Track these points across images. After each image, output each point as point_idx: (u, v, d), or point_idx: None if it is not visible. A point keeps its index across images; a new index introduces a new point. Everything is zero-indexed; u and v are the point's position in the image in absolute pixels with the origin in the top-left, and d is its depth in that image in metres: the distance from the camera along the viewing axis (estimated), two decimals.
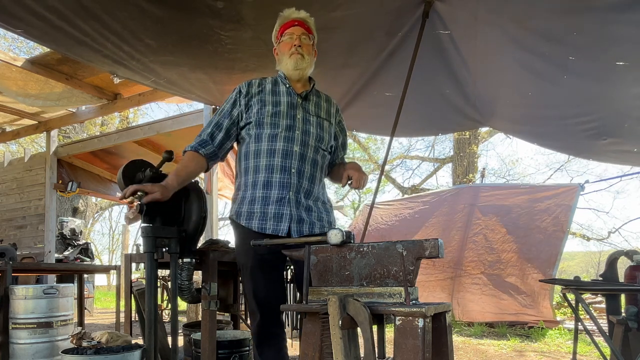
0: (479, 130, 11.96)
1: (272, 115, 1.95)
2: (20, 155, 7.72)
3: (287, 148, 1.92)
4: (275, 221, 1.89)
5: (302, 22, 2.02)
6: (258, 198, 1.92)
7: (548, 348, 5.04)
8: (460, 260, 6.90)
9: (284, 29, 2.03)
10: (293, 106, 1.99)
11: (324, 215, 2.01)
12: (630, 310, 2.40)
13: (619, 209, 22.77)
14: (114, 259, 22.71)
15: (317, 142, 1.99)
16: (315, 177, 1.99)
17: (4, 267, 3.39)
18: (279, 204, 1.90)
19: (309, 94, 2.05)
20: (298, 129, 1.96)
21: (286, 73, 2.03)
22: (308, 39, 2.02)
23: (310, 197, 1.97)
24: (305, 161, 1.95)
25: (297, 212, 1.91)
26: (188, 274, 2.15)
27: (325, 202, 2.07)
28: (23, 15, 2.50)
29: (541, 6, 2.56)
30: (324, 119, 2.05)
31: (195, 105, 7.06)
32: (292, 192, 1.91)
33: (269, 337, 1.95)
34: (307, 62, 2.00)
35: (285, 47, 2.00)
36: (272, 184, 1.91)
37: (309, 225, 1.94)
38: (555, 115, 3.78)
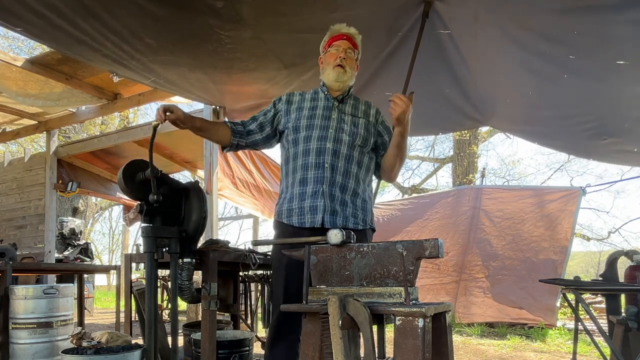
0: (479, 130, 11.96)
1: (309, 118, 2.07)
2: (20, 155, 7.72)
3: (321, 146, 2.01)
4: (312, 214, 1.97)
5: (349, 37, 2.13)
6: (296, 195, 2.02)
7: (548, 348, 5.04)
8: (464, 263, 6.90)
9: (332, 40, 2.13)
10: (329, 108, 2.10)
11: (359, 214, 2.04)
12: (630, 310, 2.40)
13: (619, 209, 22.75)
14: (114, 259, 22.73)
15: (351, 138, 2.04)
16: (351, 173, 2.03)
17: (4, 267, 3.39)
18: (313, 197, 1.98)
19: (346, 97, 2.15)
20: (332, 127, 2.04)
21: (327, 82, 2.13)
22: (353, 53, 2.13)
23: (347, 191, 2.02)
24: (338, 157, 2.01)
25: (331, 204, 1.97)
26: (188, 274, 2.15)
27: (366, 200, 2.10)
28: (23, 14, 2.50)
29: (541, 6, 2.56)
30: (360, 117, 2.12)
31: (195, 105, 7.05)
32: (326, 185, 1.98)
33: (284, 334, 1.96)
34: (349, 76, 2.10)
35: (331, 58, 2.10)
36: (307, 180, 2.00)
37: (343, 219, 1.98)
38: (556, 115, 3.77)
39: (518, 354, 4.75)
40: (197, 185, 2.15)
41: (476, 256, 6.85)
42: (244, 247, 2.76)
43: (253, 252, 2.67)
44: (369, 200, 2.13)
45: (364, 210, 2.07)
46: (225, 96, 4.02)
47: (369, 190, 2.17)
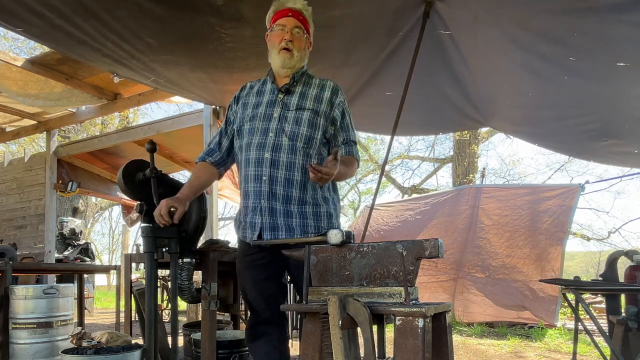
0: (479, 131, 11.95)
1: (250, 120, 1.91)
2: (20, 155, 7.72)
3: (259, 155, 1.85)
4: (251, 230, 1.87)
5: (297, 13, 1.89)
6: (242, 208, 1.95)
7: (548, 348, 5.04)
8: (462, 262, 6.90)
9: (277, 17, 1.90)
10: (272, 104, 1.90)
11: (309, 222, 1.86)
12: (630, 310, 2.40)
13: (620, 209, 22.75)
14: (114, 259, 22.74)
15: (292, 141, 1.84)
16: (294, 181, 1.84)
17: (4, 267, 3.39)
18: (253, 212, 1.87)
19: (292, 85, 1.92)
20: (272, 131, 1.85)
21: (274, 68, 1.94)
22: (301, 31, 1.89)
23: (291, 202, 1.85)
24: (278, 166, 1.83)
25: (270, 220, 1.84)
26: (188, 274, 2.15)
27: (319, 204, 1.89)
28: (23, 14, 2.50)
29: (541, 7, 2.56)
30: (307, 109, 1.88)
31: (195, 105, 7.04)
32: (265, 200, 1.83)
33: (258, 335, 1.95)
34: (297, 59, 1.89)
35: (276, 39, 1.89)
36: (248, 193, 1.89)
37: (287, 232, 1.84)
38: (556, 116, 3.78)
39: (518, 354, 4.75)
40: None
41: (475, 255, 6.85)
42: None
43: None
44: (322, 203, 1.90)
45: (316, 216, 1.88)
46: (225, 96, 4.02)
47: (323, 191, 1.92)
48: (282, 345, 1.95)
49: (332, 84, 1.99)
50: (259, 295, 1.92)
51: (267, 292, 1.92)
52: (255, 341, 1.95)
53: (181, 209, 1.86)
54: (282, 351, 1.95)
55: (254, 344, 1.96)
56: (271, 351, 1.92)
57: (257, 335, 1.95)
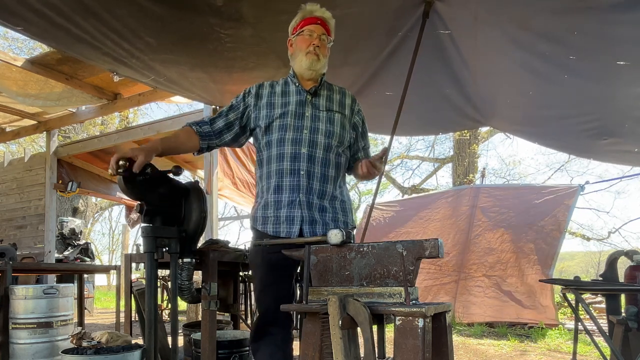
0: (479, 130, 11.96)
1: (281, 117, 1.95)
2: (20, 155, 7.72)
3: (295, 150, 1.91)
4: (288, 224, 1.90)
5: (324, 22, 1.99)
6: (271, 203, 1.94)
7: (548, 348, 5.04)
8: (463, 263, 6.90)
9: (305, 23, 1.99)
10: (302, 104, 1.98)
11: (339, 216, 1.98)
12: (630, 310, 2.40)
13: (620, 209, 22.75)
14: (114, 259, 22.73)
15: (327, 139, 1.94)
16: (328, 177, 1.95)
17: (4, 267, 3.39)
18: (290, 207, 1.90)
19: (319, 89, 2.02)
20: (306, 129, 1.93)
21: (298, 70, 2.01)
22: (327, 40, 2.01)
23: (325, 197, 1.95)
24: (314, 162, 1.92)
25: (309, 214, 1.90)
26: (188, 274, 2.15)
27: (345, 201, 2.03)
28: (23, 13, 2.50)
29: (541, 6, 2.56)
30: (336, 111, 2.01)
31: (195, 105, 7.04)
32: (303, 194, 1.90)
33: (264, 335, 1.94)
34: (322, 64, 1.99)
35: (304, 43, 1.97)
36: (282, 187, 1.92)
37: (322, 226, 1.91)
38: (556, 115, 3.78)
39: (518, 353, 4.75)
40: (197, 185, 2.15)
41: (474, 254, 6.86)
42: (244, 247, 2.75)
43: None
44: (347, 200, 2.06)
45: (344, 212, 2.01)
46: (225, 95, 4.02)
47: (345, 189, 2.09)
48: (286, 347, 1.95)
49: (349, 92, 2.13)
50: (273, 298, 1.90)
51: (280, 294, 1.91)
52: (260, 341, 1.95)
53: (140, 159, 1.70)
54: (287, 353, 1.95)
55: (258, 344, 1.96)
56: (275, 351, 1.91)
57: (263, 336, 1.95)
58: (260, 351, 1.95)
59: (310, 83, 2.02)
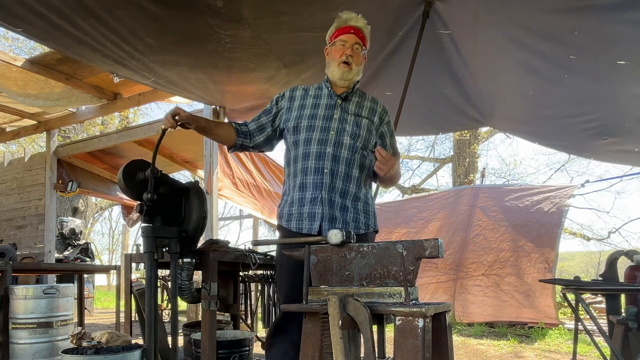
0: (479, 130, 11.96)
1: (309, 118, 2.00)
2: (20, 155, 7.72)
3: (320, 150, 1.95)
4: (310, 220, 1.93)
5: (358, 30, 2.02)
6: (295, 200, 1.99)
7: (548, 348, 5.04)
8: (461, 262, 6.90)
9: (339, 33, 2.03)
10: (331, 107, 2.02)
11: (360, 217, 2.00)
12: (630, 310, 2.40)
13: (620, 209, 22.74)
14: (114, 259, 22.72)
15: (353, 140, 1.98)
16: (352, 177, 1.98)
17: (4, 267, 3.39)
18: (312, 203, 1.94)
19: (350, 94, 2.06)
20: (333, 129, 1.97)
21: (331, 79, 2.06)
22: (360, 48, 2.04)
23: (347, 196, 1.97)
24: (338, 161, 1.95)
25: (330, 211, 1.93)
26: (188, 274, 2.14)
27: (369, 203, 2.05)
28: (23, 14, 2.50)
29: (541, 6, 2.56)
30: (364, 117, 2.04)
31: (195, 105, 7.05)
32: (325, 192, 1.93)
33: (281, 333, 1.96)
34: (355, 73, 2.02)
35: (337, 53, 2.02)
36: (306, 185, 1.96)
37: (342, 225, 1.94)
38: (556, 115, 3.77)
39: (518, 354, 4.75)
40: (197, 185, 2.15)
41: (473, 253, 6.86)
42: (244, 247, 2.75)
43: (253, 252, 2.67)
44: (371, 202, 2.09)
45: (366, 213, 2.03)
46: (225, 96, 4.02)
47: (370, 191, 2.12)
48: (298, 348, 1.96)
49: (381, 102, 2.17)
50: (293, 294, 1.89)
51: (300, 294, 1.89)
52: (276, 337, 1.97)
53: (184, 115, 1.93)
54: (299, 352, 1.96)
55: (273, 340, 1.98)
56: (288, 350, 1.93)
57: (280, 333, 1.97)
58: (274, 347, 1.97)
59: (342, 89, 2.06)
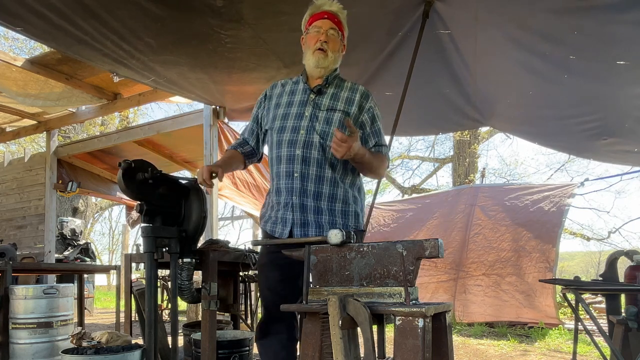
0: (479, 130, 11.96)
1: (282, 118, 1.95)
2: (20, 155, 7.72)
3: (290, 152, 1.90)
4: (282, 225, 1.92)
5: (332, 15, 1.94)
6: (274, 204, 1.97)
7: (548, 348, 5.04)
8: (461, 261, 6.90)
9: (313, 20, 1.95)
10: (303, 103, 1.95)
11: (337, 219, 1.91)
12: (630, 310, 2.40)
13: (620, 209, 22.72)
14: (114, 259, 22.72)
15: (323, 140, 1.89)
16: (324, 178, 1.90)
17: (4, 267, 3.38)
18: (285, 209, 1.92)
19: (324, 87, 1.96)
20: (303, 128, 1.90)
21: (308, 68, 1.98)
22: (336, 34, 1.95)
23: (321, 199, 1.90)
24: (309, 163, 1.88)
25: (301, 216, 1.89)
26: (188, 274, 2.14)
27: (348, 203, 1.95)
28: (23, 14, 2.51)
29: (541, 6, 2.56)
30: (337, 110, 1.93)
31: (195, 105, 7.04)
32: (297, 197, 1.89)
33: (269, 334, 1.95)
34: (331, 60, 1.93)
35: (312, 40, 1.93)
36: (280, 190, 1.94)
37: (317, 229, 1.88)
38: (556, 115, 3.78)
39: (518, 354, 4.75)
40: (197, 185, 2.15)
41: (473, 252, 6.86)
42: (244, 247, 2.75)
43: (253, 252, 2.67)
44: (352, 203, 1.96)
45: (344, 215, 1.93)
46: (225, 96, 4.02)
47: (353, 190, 1.99)
48: (291, 346, 1.96)
49: (362, 88, 2.04)
50: (275, 294, 1.92)
51: (282, 293, 1.91)
52: (265, 339, 1.96)
53: (221, 172, 1.92)
54: (290, 352, 1.96)
55: (263, 341, 1.97)
56: (280, 350, 1.93)
57: (267, 334, 1.96)
58: (265, 349, 1.96)
59: (319, 81, 1.98)
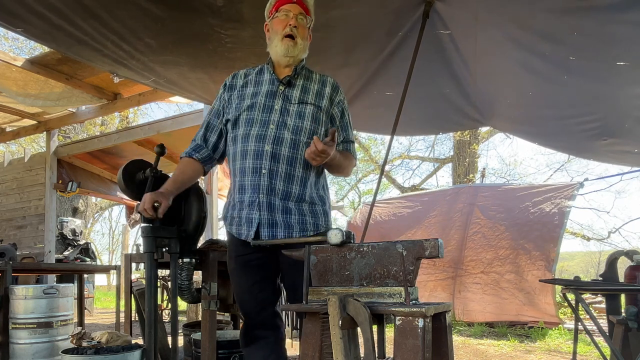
0: (479, 130, 11.96)
1: (248, 110, 1.83)
2: (20, 155, 7.72)
3: (258, 148, 1.77)
4: (247, 226, 1.79)
5: (300, 0, 1.84)
6: (236, 203, 1.84)
7: (548, 348, 5.04)
8: (460, 259, 6.90)
9: (279, 4, 1.84)
10: (272, 95, 1.83)
11: (308, 219, 1.81)
12: (630, 310, 2.40)
13: (620, 209, 22.76)
14: (114, 259, 22.73)
15: (295, 136, 1.78)
16: (294, 177, 1.79)
17: (4, 267, 3.39)
18: (250, 207, 1.78)
19: (294, 79, 1.86)
20: (273, 123, 1.78)
21: (274, 57, 1.87)
22: (305, 20, 1.85)
23: (290, 198, 1.79)
24: (278, 160, 1.76)
25: (269, 216, 1.77)
26: (188, 274, 2.15)
27: (315, 204, 1.85)
28: (23, 14, 2.50)
29: (541, 6, 2.56)
30: (309, 103, 1.83)
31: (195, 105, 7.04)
32: (264, 195, 1.76)
33: (254, 339, 1.87)
34: (300, 48, 1.83)
35: (279, 25, 1.82)
36: (245, 187, 1.80)
37: (286, 229, 1.77)
38: (556, 115, 3.78)
39: (518, 354, 4.75)
40: (197, 185, 2.15)
41: (472, 251, 6.86)
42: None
43: None
44: (319, 202, 1.87)
45: (313, 214, 1.83)
46: None
47: (320, 189, 1.90)
48: (279, 348, 1.89)
49: (332, 80, 1.95)
50: (252, 298, 1.84)
51: (261, 295, 1.84)
52: (251, 345, 1.87)
53: (165, 204, 1.77)
54: (280, 354, 1.89)
55: (249, 349, 1.88)
56: (268, 355, 1.85)
57: (253, 340, 1.87)
58: (253, 356, 1.87)
59: (287, 70, 1.87)
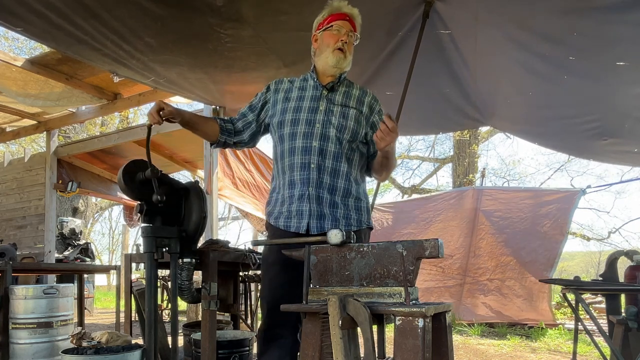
0: (479, 130, 11.96)
1: (294, 111, 1.93)
2: (20, 155, 7.72)
3: (306, 144, 1.88)
4: (298, 218, 1.87)
5: (351, 19, 1.96)
6: (286, 198, 1.92)
7: (548, 348, 5.04)
8: (467, 266, 6.92)
9: (333, 19, 1.95)
10: (316, 98, 1.96)
11: (352, 214, 1.92)
12: (630, 310, 2.40)
13: (620, 209, 22.76)
14: (114, 259, 22.71)
15: (339, 133, 1.90)
16: (340, 171, 1.91)
17: (4, 267, 3.38)
18: (300, 200, 1.87)
19: (336, 85, 1.99)
20: (318, 122, 1.90)
21: (321, 67, 1.97)
22: (353, 37, 1.98)
23: (336, 192, 1.89)
24: (325, 155, 1.88)
25: (317, 208, 1.86)
26: (188, 274, 2.15)
27: (360, 199, 1.96)
28: (23, 13, 2.51)
29: (541, 6, 2.56)
30: (351, 107, 1.97)
31: (195, 105, 7.06)
32: (313, 188, 1.86)
33: (273, 338, 1.89)
34: (348, 62, 1.97)
35: (331, 39, 1.94)
36: (294, 182, 1.89)
37: (332, 222, 1.86)
38: (556, 115, 3.78)
39: (518, 354, 4.75)
40: (197, 185, 2.15)
41: (478, 257, 6.89)
42: (244, 247, 2.76)
43: (253, 252, 2.68)
44: (363, 198, 1.99)
45: (357, 210, 1.94)
46: (225, 96, 4.02)
47: (363, 186, 2.02)
48: (294, 350, 1.90)
49: (371, 92, 2.09)
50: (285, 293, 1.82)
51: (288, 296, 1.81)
52: (269, 344, 1.89)
53: (170, 109, 1.87)
54: (294, 356, 1.90)
55: (267, 346, 1.89)
56: (284, 355, 1.86)
57: (272, 338, 1.89)
58: (268, 354, 1.88)
59: (329, 79, 1.99)
